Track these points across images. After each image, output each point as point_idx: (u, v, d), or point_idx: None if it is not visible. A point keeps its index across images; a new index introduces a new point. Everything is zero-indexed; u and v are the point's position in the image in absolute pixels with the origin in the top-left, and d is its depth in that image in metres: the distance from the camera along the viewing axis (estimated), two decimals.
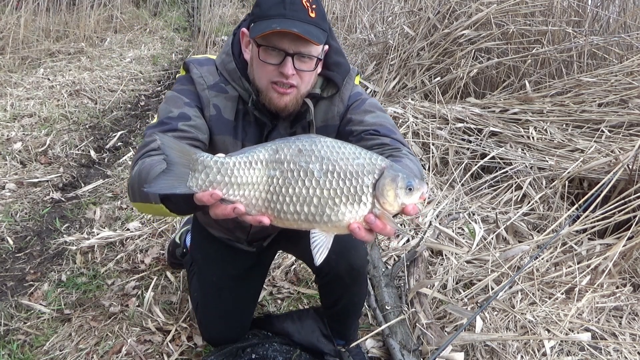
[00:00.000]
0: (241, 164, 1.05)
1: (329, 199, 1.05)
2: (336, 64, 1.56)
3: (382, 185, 1.06)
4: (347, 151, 1.08)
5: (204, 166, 1.04)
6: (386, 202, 1.06)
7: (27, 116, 4.14)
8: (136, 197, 1.30)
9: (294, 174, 1.05)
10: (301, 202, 1.05)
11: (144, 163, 1.29)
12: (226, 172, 1.04)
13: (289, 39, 1.36)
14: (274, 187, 1.05)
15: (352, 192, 1.06)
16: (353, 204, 1.06)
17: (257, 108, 1.51)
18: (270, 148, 1.07)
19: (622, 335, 2.07)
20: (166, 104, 1.49)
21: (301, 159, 1.06)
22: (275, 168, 1.05)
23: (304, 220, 1.07)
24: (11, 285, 2.39)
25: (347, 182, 1.06)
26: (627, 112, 3.42)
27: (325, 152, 1.07)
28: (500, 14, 4.31)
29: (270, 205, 1.06)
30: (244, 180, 1.05)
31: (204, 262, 1.94)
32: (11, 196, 3.13)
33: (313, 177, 1.05)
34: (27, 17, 5.72)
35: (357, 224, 1.07)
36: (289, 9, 1.36)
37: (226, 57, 1.54)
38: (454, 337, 1.73)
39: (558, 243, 2.57)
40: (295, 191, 1.05)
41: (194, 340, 2.07)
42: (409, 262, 2.37)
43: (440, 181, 3.31)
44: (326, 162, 1.06)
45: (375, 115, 1.55)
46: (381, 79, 4.41)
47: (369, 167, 1.07)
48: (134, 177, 1.29)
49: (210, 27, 6.96)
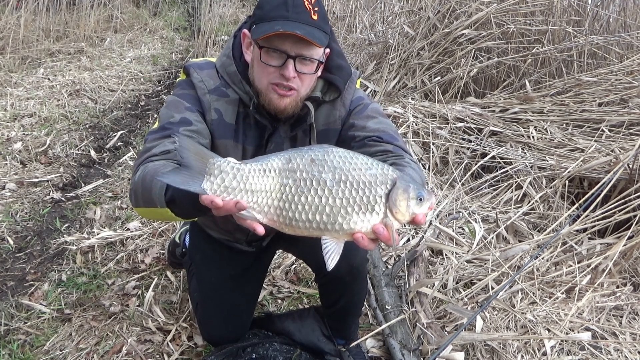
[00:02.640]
0: (256, 171, 1.07)
1: (342, 208, 1.07)
2: (338, 67, 1.55)
3: (395, 195, 1.09)
4: (359, 161, 1.10)
5: (220, 171, 1.05)
6: (398, 212, 1.09)
7: (27, 116, 4.15)
8: (139, 202, 1.29)
9: (306, 183, 1.07)
10: (313, 210, 1.07)
11: (146, 168, 1.28)
12: (242, 178, 1.06)
13: (291, 41, 1.35)
14: (286, 195, 1.07)
15: (365, 201, 1.08)
16: (365, 213, 1.08)
17: (258, 111, 1.51)
18: (284, 157, 1.09)
19: (622, 334, 2.07)
20: (167, 108, 1.48)
21: (314, 169, 1.08)
22: (288, 177, 1.07)
23: (316, 228, 1.09)
24: (11, 285, 2.39)
25: (360, 191, 1.08)
26: (628, 112, 3.42)
27: (337, 162, 1.09)
28: (500, 14, 4.31)
29: (282, 213, 1.08)
30: (258, 188, 1.06)
31: (202, 263, 1.94)
32: (11, 196, 3.13)
33: (326, 187, 1.07)
34: (27, 17, 5.72)
35: (361, 235, 1.09)
36: (291, 11, 1.35)
37: (227, 59, 1.53)
38: (454, 336, 1.73)
39: (558, 242, 2.57)
40: (307, 200, 1.07)
41: (195, 340, 2.07)
42: (409, 262, 2.37)
43: (440, 181, 3.31)
44: (339, 172, 1.08)
45: (378, 121, 1.54)
46: (381, 78, 4.41)
47: (382, 178, 1.09)
48: (137, 182, 1.28)
49: (210, 27, 6.96)
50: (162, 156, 1.33)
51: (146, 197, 1.24)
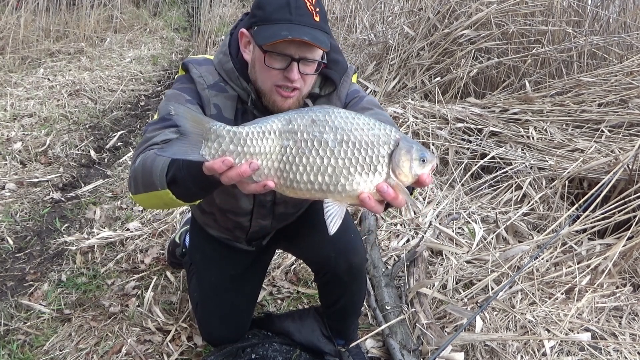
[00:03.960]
0: (254, 133, 1.05)
1: (344, 169, 1.06)
2: (334, 61, 1.55)
3: (398, 156, 1.07)
4: (361, 122, 1.08)
5: (216, 135, 1.04)
6: (401, 173, 1.07)
7: (27, 116, 4.15)
8: (139, 188, 1.29)
9: (307, 144, 1.05)
10: (315, 171, 1.05)
11: (146, 155, 1.29)
12: (239, 141, 1.04)
13: (296, 44, 1.35)
14: (287, 156, 1.05)
15: (367, 161, 1.06)
16: (368, 174, 1.06)
17: (256, 107, 1.51)
18: (284, 118, 1.07)
19: (622, 335, 2.07)
20: (167, 101, 1.48)
21: (315, 129, 1.06)
22: (288, 138, 1.05)
23: (318, 190, 1.07)
24: (11, 285, 2.39)
25: (363, 152, 1.06)
26: (627, 112, 3.42)
27: (339, 122, 1.07)
28: (500, 14, 4.30)
29: (283, 175, 1.06)
30: (257, 150, 1.05)
31: (202, 263, 1.94)
32: (11, 196, 3.13)
33: (327, 147, 1.05)
34: (27, 17, 5.72)
35: (367, 194, 1.07)
36: (295, 13, 1.34)
37: (223, 57, 1.53)
38: (454, 337, 1.73)
39: (558, 243, 2.57)
40: (309, 161, 1.05)
41: (194, 340, 2.07)
42: (409, 262, 2.37)
43: (440, 181, 3.31)
44: (340, 132, 1.06)
45: (373, 113, 1.54)
46: (381, 79, 4.41)
47: (385, 138, 1.07)
48: (137, 168, 1.28)
49: (210, 27, 6.96)
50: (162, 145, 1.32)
51: (146, 180, 1.23)
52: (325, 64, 1.47)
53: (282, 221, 1.82)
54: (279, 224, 1.83)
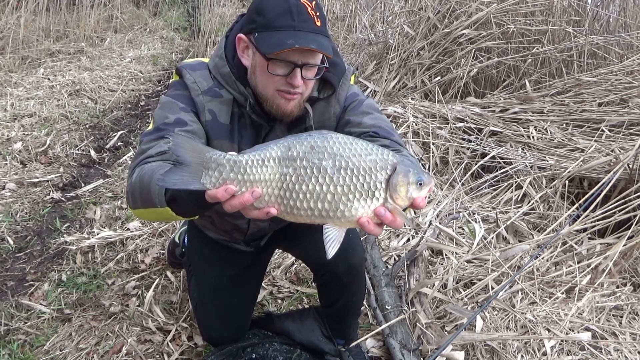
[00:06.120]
0: (254, 161, 1.06)
1: (343, 195, 1.07)
2: (332, 64, 1.54)
3: (395, 180, 1.08)
4: (359, 147, 1.10)
5: (217, 164, 1.05)
6: (398, 197, 1.08)
7: (27, 116, 4.15)
8: (137, 204, 1.28)
9: (307, 171, 1.06)
10: (315, 198, 1.07)
11: (143, 169, 1.27)
12: (239, 169, 1.05)
13: (299, 51, 1.34)
14: (287, 184, 1.06)
15: (365, 188, 1.07)
16: (366, 200, 1.08)
17: (254, 111, 1.50)
18: (283, 145, 1.08)
19: (622, 334, 2.07)
20: (161, 109, 1.47)
21: (314, 156, 1.07)
22: (288, 165, 1.07)
23: (317, 216, 1.08)
24: (11, 285, 2.39)
25: (361, 178, 1.07)
26: (628, 112, 3.42)
27: (337, 148, 1.08)
28: (500, 14, 4.31)
29: (283, 202, 1.07)
30: (257, 178, 1.06)
31: (201, 264, 1.94)
32: (11, 196, 3.13)
33: (327, 174, 1.06)
34: (27, 17, 5.72)
35: (366, 218, 1.08)
36: (297, 19, 1.32)
37: (219, 60, 1.51)
38: (454, 336, 1.73)
39: (558, 242, 2.57)
40: (308, 188, 1.06)
41: (195, 340, 2.07)
42: (409, 262, 2.37)
43: (440, 181, 3.31)
44: (339, 159, 1.07)
45: (373, 117, 1.54)
46: (381, 78, 4.41)
47: (382, 163, 1.09)
48: (135, 184, 1.27)
49: (210, 27, 6.95)
50: (158, 157, 1.32)
51: (145, 198, 1.23)
52: (327, 68, 1.46)
53: (280, 222, 1.82)
54: (277, 226, 1.83)
